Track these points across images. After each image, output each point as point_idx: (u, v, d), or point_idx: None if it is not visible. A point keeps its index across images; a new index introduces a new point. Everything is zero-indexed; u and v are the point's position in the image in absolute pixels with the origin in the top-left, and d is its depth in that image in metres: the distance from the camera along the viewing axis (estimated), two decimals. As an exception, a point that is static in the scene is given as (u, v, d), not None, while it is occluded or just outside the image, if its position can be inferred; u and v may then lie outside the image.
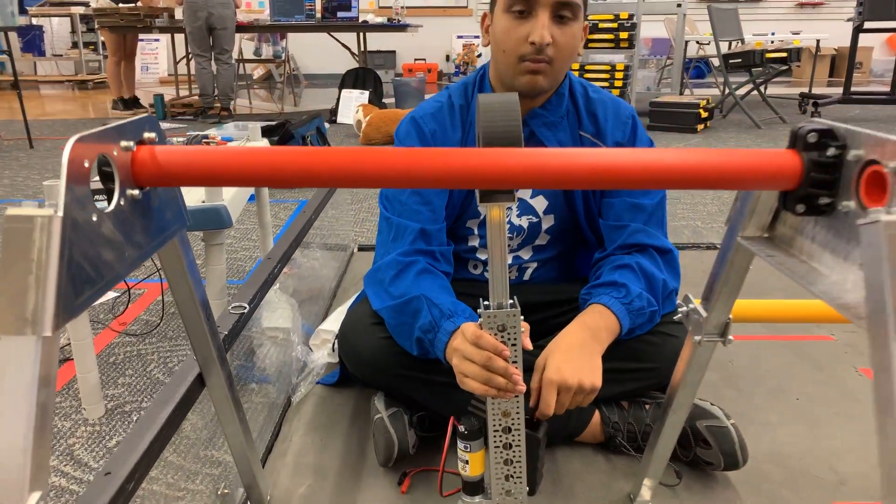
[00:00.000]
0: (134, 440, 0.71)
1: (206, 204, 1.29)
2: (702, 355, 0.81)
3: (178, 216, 0.67)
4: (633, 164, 0.58)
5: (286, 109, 6.23)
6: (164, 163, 0.57)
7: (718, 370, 1.50)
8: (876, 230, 0.47)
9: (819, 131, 0.56)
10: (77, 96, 7.59)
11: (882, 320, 0.46)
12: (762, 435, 1.26)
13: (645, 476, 1.04)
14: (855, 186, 0.53)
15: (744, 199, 0.66)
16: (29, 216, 0.45)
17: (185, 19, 5.00)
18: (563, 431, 1.20)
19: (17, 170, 3.68)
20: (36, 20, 8.27)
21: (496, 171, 0.58)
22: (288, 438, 1.26)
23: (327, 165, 0.53)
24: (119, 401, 1.40)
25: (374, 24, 5.70)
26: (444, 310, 1.05)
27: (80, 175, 0.49)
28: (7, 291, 0.45)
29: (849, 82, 5.36)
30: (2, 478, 0.44)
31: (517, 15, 1.08)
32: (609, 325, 1.10)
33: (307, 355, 1.49)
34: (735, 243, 0.68)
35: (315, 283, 1.94)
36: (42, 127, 5.14)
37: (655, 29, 8.10)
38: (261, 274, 1.17)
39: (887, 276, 0.45)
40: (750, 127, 4.98)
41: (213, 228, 1.31)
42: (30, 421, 0.44)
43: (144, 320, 1.79)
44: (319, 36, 6.08)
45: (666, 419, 0.91)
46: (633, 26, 4.69)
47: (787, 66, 4.98)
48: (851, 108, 5.99)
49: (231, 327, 0.97)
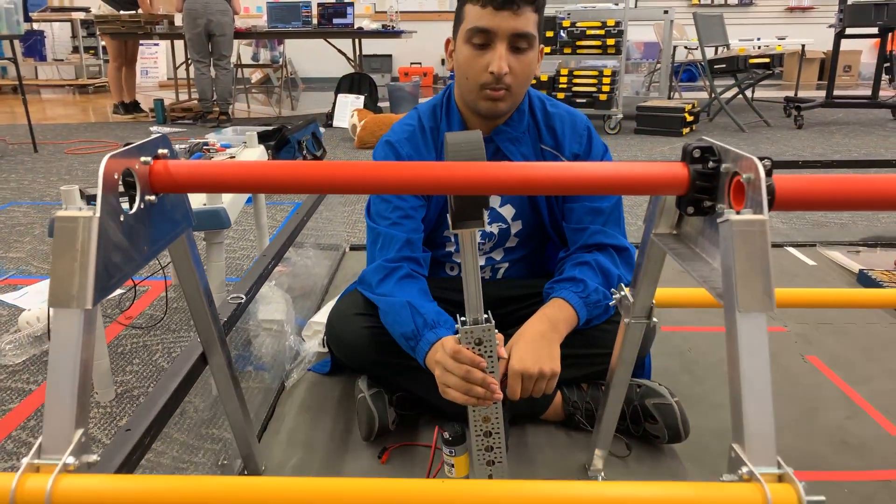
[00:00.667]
0: (149, 405, 0.84)
1: (207, 206, 1.43)
2: (632, 335, 0.95)
3: (185, 217, 0.81)
4: (563, 175, 0.71)
5: (284, 113, 6.37)
6: (175, 174, 0.70)
7: (677, 357, 1.64)
8: (727, 227, 0.60)
9: (702, 148, 0.69)
10: (78, 100, 7.72)
11: (730, 296, 0.60)
12: (710, 414, 1.40)
13: (596, 447, 1.17)
14: (727, 192, 0.67)
15: (654, 203, 0.80)
16: (74, 217, 0.59)
17: (185, 26, 5.14)
18: (529, 410, 1.34)
19: (22, 173, 3.81)
20: (37, 25, 8.40)
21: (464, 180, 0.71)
22: (281, 418, 1.39)
23: (302, 176, 0.67)
24: (127, 386, 1.54)
25: (368, 31, 5.84)
26: (428, 320, 1.15)
27: (111, 185, 0.63)
28: (58, 275, 0.59)
29: (831, 86, 5.51)
30: (55, 417, 0.57)
31: (477, 46, 1.18)
32: (567, 317, 1.23)
33: (300, 345, 1.63)
34: (650, 239, 0.82)
35: (308, 280, 2.08)
36: (45, 131, 5.27)
37: (647, 33, 8.25)
38: (257, 269, 1.30)
39: (733, 263, 0.59)
40: (735, 130, 5.12)
41: (213, 228, 1.45)
42: (75, 374, 0.58)
43: (149, 314, 1.93)
44: (316, 41, 6.22)
45: (609, 394, 1.05)
46: (619, 33, 4.83)
47: (770, 71, 5.13)
48: (835, 111, 6.14)
49: (230, 315, 1.10)
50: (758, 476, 0.55)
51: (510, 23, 1.15)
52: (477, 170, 0.70)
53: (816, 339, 1.73)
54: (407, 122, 1.36)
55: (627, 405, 1.27)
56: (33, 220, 2.89)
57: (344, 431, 1.35)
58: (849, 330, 1.78)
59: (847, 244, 2.45)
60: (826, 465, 1.24)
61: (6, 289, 2.11)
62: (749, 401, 0.58)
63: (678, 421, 1.24)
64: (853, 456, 1.26)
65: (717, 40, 5.62)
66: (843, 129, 5.25)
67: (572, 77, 5.04)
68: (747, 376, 0.58)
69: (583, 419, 1.32)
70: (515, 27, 1.15)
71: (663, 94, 5.74)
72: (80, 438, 0.58)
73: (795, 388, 1.50)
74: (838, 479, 1.19)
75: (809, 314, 1.87)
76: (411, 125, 1.34)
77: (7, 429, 1.38)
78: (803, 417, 1.38)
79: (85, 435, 0.59)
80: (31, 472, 0.55)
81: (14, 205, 3.14)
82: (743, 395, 0.58)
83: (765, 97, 6.92)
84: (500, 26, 1.15)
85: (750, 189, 0.62)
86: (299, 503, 0.54)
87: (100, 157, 3.24)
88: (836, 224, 2.78)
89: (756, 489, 0.55)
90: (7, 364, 1.63)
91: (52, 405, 0.58)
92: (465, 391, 0.97)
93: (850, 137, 4.88)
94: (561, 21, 4.95)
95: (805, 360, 1.63)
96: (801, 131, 5.15)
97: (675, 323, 1.82)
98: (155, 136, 0.73)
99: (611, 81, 4.95)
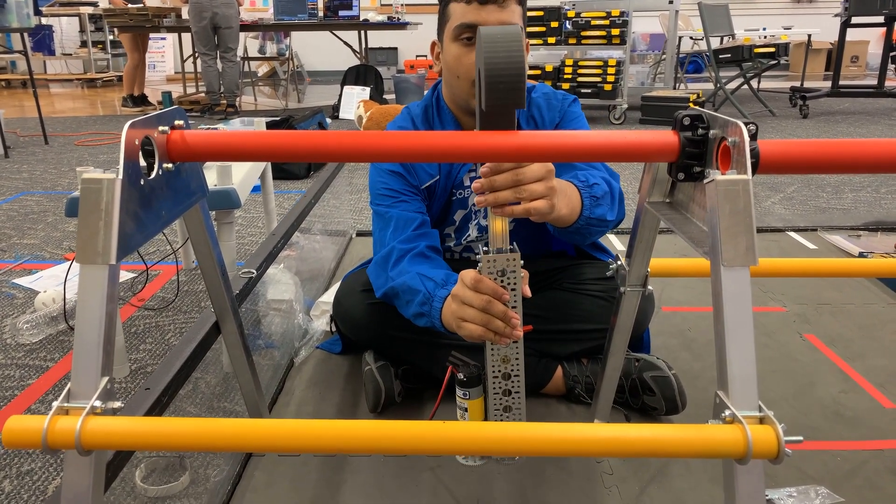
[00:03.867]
0: (166, 367, 0.88)
1: (218, 187, 1.47)
2: (628, 303, 0.98)
3: (199, 187, 0.85)
4: (559, 143, 0.75)
5: (290, 105, 6.41)
6: (191, 143, 0.74)
7: (677, 336, 1.67)
8: (713, 186, 0.64)
9: (692, 116, 0.72)
10: (86, 94, 7.79)
11: (715, 251, 0.63)
12: (708, 389, 1.43)
13: (595, 417, 1.21)
14: (715, 157, 0.70)
15: (647, 171, 0.83)
16: (99, 179, 0.63)
17: (191, 19, 5.18)
18: (530, 384, 1.38)
19: (34, 164, 3.87)
20: (46, 20, 8.47)
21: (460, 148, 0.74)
22: (291, 392, 1.44)
23: (314, 145, 0.71)
24: (141, 363, 1.58)
25: (374, 23, 5.87)
26: (438, 280, 1.11)
27: (132, 150, 0.67)
28: (85, 233, 0.63)
29: (837, 76, 5.50)
30: (83, 365, 0.62)
31: (466, 42, 1.20)
32: (573, 193, 1.09)
33: (308, 323, 1.67)
34: (644, 208, 0.85)
35: (316, 264, 2.12)
36: (54, 123, 5.33)
37: (652, 24, 8.24)
38: (266, 246, 1.34)
39: (718, 220, 0.63)
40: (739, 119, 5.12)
41: (224, 208, 1.49)
42: (101, 325, 0.62)
43: (161, 297, 1.98)
44: (322, 34, 6.26)
45: (607, 361, 1.09)
46: (624, 23, 4.84)
47: (776, 61, 5.13)
48: (841, 101, 6.13)
49: (242, 288, 1.14)
50: (740, 418, 0.59)
51: (496, 16, 1.17)
52: (473, 139, 0.73)
53: (815, 319, 1.76)
54: (400, 125, 1.37)
55: (626, 378, 1.31)
56: (45, 208, 2.94)
57: (351, 405, 1.39)
58: (847, 310, 1.81)
59: (849, 228, 2.47)
60: (820, 435, 1.27)
61: (22, 273, 2.16)
62: (732, 349, 0.61)
63: (675, 393, 1.27)
64: (846, 427, 1.29)
65: (722, 30, 5.62)
66: (849, 119, 5.25)
67: (577, 67, 5.06)
68: (730, 327, 0.61)
69: (583, 393, 1.36)
70: (501, 20, 1.17)
71: (668, 85, 5.74)
72: (105, 385, 0.62)
73: (792, 363, 1.53)
74: (832, 448, 1.23)
75: (809, 295, 1.90)
76: (404, 127, 1.36)
77: (25, 403, 1.43)
78: (799, 392, 1.42)
79: (110, 382, 0.63)
80: (60, 414, 0.60)
81: (27, 194, 3.19)
82: (727, 344, 0.61)
83: (771, 88, 6.91)
84: (487, 20, 1.17)
85: (735, 152, 0.66)
86: (306, 441, 0.58)
87: (109, 149, 3.32)
88: (837, 210, 2.80)
89: (738, 430, 0.58)
90: (25, 343, 1.68)
91: (79, 354, 0.62)
92: (484, 323, 0.88)
93: (856, 127, 4.88)
94: (566, 11, 4.97)
95: (803, 338, 1.66)
96: (806, 121, 5.15)
97: (676, 303, 1.85)
98: (171, 107, 0.76)
99: (615, 72, 4.96)
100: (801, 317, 1.77)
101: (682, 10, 6.14)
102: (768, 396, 1.39)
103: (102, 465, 0.63)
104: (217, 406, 1.41)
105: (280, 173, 3.46)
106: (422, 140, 0.73)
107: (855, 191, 3.09)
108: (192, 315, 1.85)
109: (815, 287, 1.95)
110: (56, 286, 1.90)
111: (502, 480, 1.15)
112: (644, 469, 1.17)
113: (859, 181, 3.27)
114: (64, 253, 2.36)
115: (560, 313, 1.35)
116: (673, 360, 1.37)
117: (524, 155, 0.73)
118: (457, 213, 1.39)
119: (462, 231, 1.41)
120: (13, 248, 2.41)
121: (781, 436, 0.57)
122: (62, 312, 1.76)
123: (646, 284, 0.96)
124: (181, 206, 0.79)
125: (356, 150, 0.73)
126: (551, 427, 0.60)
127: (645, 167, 0.84)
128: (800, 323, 1.74)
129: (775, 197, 3.01)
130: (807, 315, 1.78)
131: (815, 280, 1.98)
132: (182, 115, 0.77)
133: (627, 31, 4.87)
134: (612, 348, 1.06)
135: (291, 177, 3.53)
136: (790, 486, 1.11)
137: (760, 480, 0.59)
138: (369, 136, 0.74)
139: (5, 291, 2.02)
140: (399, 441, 0.58)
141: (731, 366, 0.61)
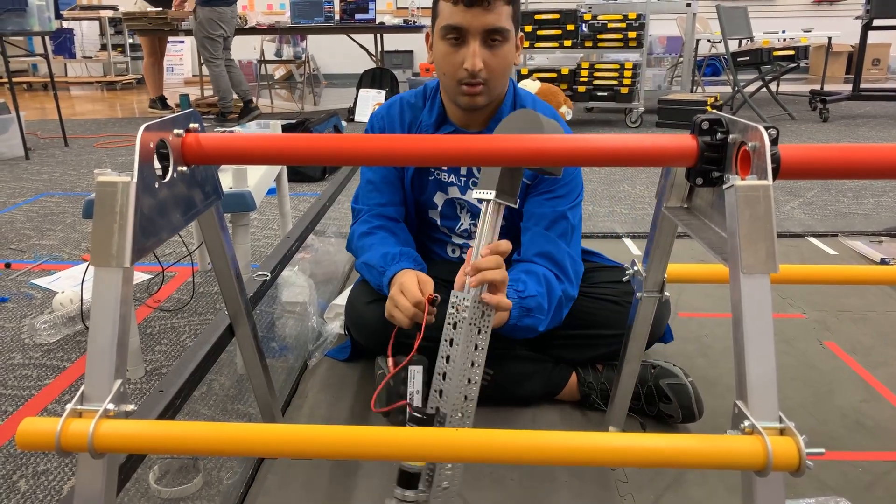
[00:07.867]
0: (179, 369, 0.89)
1: (233, 189, 1.47)
2: (645, 309, 0.97)
3: (214, 190, 0.85)
4: (577, 147, 0.74)
5: (306, 108, 6.44)
6: (205, 146, 0.74)
7: (694, 342, 1.65)
8: (732, 192, 0.63)
9: (710, 120, 0.71)
10: (106, 97, 7.88)
11: (734, 258, 0.62)
12: (725, 396, 1.41)
13: (610, 424, 1.20)
14: (734, 162, 0.69)
15: (665, 176, 0.82)
16: (114, 181, 0.63)
17: (207, 26, 5.15)
18: (545, 391, 1.36)
19: (54, 166, 3.92)
20: (66, 23, 8.58)
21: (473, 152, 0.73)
22: (304, 395, 1.44)
23: (327, 148, 0.70)
24: (156, 364, 1.59)
25: (390, 26, 5.89)
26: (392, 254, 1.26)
27: (147, 153, 0.67)
28: (99, 235, 0.63)
29: (858, 79, 5.42)
30: (96, 368, 0.62)
31: (452, 42, 1.20)
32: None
33: (322, 326, 1.67)
34: (661, 213, 0.84)
35: (330, 266, 2.12)
36: (75, 126, 5.39)
37: (669, 27, 8.18)
38: (280, 249, 1.35)
39: (738, 226, 0.61)
40: (758, 123, 5.07)
41: (239, 211, 1.49)
42: (115, 328, 0.62)
43: (176, 298, 1.99)
44: (338, 37, 6.27)
45: (622, 367, 1.07)
46: (641, 26, 4.81)
47: (795, 64, 5.07)
48: (862, 104, 6.05)
49: (256, 290, 1.15)
50: (760, 430, 0.58)
51: (482, 19, 1.16)
52: (490, 142, 0.73)
53: (835, 326, 1.73)
54: (383, 113, 1.41)
55: (642, 385, 1.29)
56: (65, 209, 2.97)
57: (364, 407, 1.39)
58: (868, 317, 1.78)
59: (870, 234, 2.43)
60: (841, 445, 1.25)
61: (40, 273, 2.19)
62: (752, 359, 0.60)
63: (692, 401, 1.25)
64: (867, 436, 1.27)
65: (740, 33, 5.56)
66: (870, 122, 5.17)
67: (593, 71, 5.03)
68: (750, 336, 0.60)
69: (598, 399, 1.34)
70: (487, 23, 1.16)
71: (685, 88, 5.70)
72: (118, 388, 0.62)
73: (812, 371, 1.51)
74: (852, 459, 1.20)
75: (829, 301, 1.87)
76: (390, 114, 1.39)
77: (42, 403, 1.44)
78: (819, 400, 1.39)
79: (123, 385, 0.63)
80: (74, 416, 0.60)
81: (46, 195, 3.23)
82: (746, 353, 0.60)
83: (790, 91, 6.83)
84: (472, 23, 1.16)
85: (755, 157, 0.64)
86: (319, 447, 0.57)
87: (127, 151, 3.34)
88: (858, 215, 2.75)
89: (757, 441, 0.57)
90: (42, 343, 1.70)
91: (93, 357, 0.62)
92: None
93: (877, 130, 4.81)
94: (582, 14, 4.94)
95: (823, 346, 1.63)
96: (826, 124, 5.08)
97: (693, 309, 1.83)
98: (185, 111, 0.77)
99: (632, 75, 4.93)
100: (820, 324, 1.75)
101: (700, 12, 6.09)
102: (787, 404, 1.37)
103: (115, 468, 0.63)
104: (230, 408, 1.41)
105: (295, 175, 3.47)
106: (437, 144, 0.73)
107: (876, 196, 3.04)
108: (207, 317, 1.86)
109: (836, 293, 1.92)
110: (74, 287, 1.91)
111: (515, 486, 1.14)
112: (660, 477, 1.15)
113: (881, 186, 3.22)
114: (82, 254, 2.38)
115: (574, 318, 1.34)
116: (689, 367, 1.36)
117: (545, 159, 0.72)
118: (436, 196, 1.40)
119: (451, 220, 1.42)
120: (32, 249, 2.44)
121: (803, 448, 0.56)
122: (80, 313, 1.77)
123: (663, 290, 0.94)
124: (196, 208, 0.79)
125: (371, 154, 0.73)
126: (566, 436, 0.59)
127: (662, 171, 0.83)
128: (820, 330, 1.71)
129: (795, 202, 2.97)
130: (827, 322, 1.75)
131: (835, 286, 1.95)
132: (197, 118, 0.77)
133: (644, 33, 4.83)
134: (628, 355, 1.05)
135: (307, 179, 3.54)
136: (809, 497, 1.09)
137: (780, 493, 0.58)
138: (383, 139, 0.74)
139: (24, 292, 2.04)
140: (411, 448, 0.57)
141: (750, 375, 0.60)
